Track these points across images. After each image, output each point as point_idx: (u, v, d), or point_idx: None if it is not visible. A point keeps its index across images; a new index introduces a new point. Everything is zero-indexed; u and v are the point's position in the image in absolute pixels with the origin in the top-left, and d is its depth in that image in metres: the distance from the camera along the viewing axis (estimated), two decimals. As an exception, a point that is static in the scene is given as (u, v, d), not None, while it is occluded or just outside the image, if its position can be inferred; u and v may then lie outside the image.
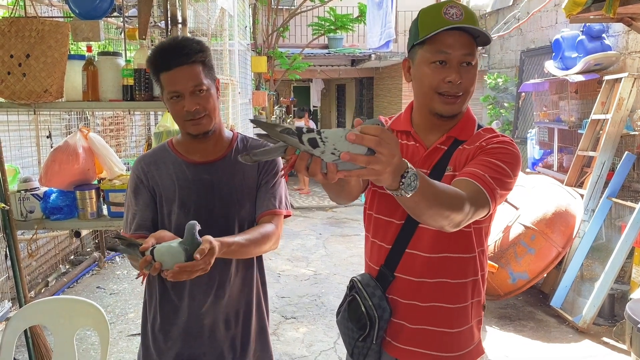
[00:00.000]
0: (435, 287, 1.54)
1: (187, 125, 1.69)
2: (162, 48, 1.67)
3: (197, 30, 5.01)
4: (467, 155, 1.49)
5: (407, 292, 1.57)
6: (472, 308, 1.59)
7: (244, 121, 6.56)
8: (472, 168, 1.42)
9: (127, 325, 4.38)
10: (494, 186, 1.38)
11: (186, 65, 1.63)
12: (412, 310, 1.57)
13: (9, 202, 2.84)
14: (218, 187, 1.75)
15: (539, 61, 7.13)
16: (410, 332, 1.58)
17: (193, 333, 1.77)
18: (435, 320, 1.56)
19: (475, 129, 1.56)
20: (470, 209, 1.31)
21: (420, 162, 1.54)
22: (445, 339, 1.57)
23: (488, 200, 1.37)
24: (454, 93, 1.45)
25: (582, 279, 4.62)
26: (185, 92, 1.64)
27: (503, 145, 1.48)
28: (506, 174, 1.42)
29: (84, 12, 2.82)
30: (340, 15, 10.80)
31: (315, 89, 15.49)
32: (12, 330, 2.31)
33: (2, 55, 2.55)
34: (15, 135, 3.90)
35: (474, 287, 1.58)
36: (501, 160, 1.43)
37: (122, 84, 2.71)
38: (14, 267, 2.95)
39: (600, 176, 4.70)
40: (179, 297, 1.77)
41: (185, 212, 1.73)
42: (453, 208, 1.27)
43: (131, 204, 1.77)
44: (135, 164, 1.81)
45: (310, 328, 4.37)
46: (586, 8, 3.67)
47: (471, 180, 1.37)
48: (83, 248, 5.92)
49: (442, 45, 1.42)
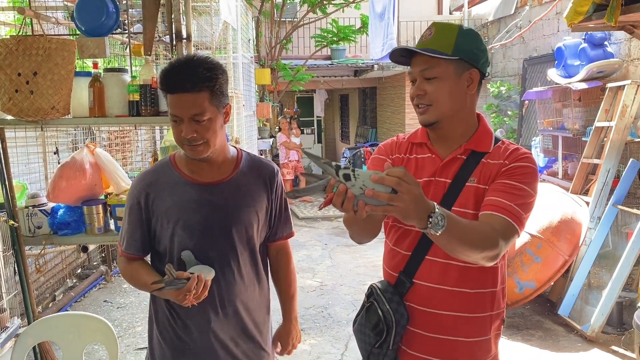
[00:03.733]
0: (453, 296, 1.56)
1: (185, 148, 1.70)
2: (171, 68, 1.64)
3: (201, 44, 5.06)
4: (492, 171, 1.55)
5: (424, 299, 1.59)
6: (490, 320, 1.61)
7: (249, 133, 6.59)
8: (497, 198, 1.48)
9: (135, 338, 4.38)
10: (521, 213, 1.47)
11: (190, 93, 1.60)
12: (428, 318, 1.59)
13: (17, 218, 2.87)
14: (224, 209, 1.74)
15: (542, 69, 7.14)
16: (425, 340, 1.60)
17: (204, 349, 1.77)
18: (452, 329, 1.58)
19: (493, 141, 1.62)
20: (502, 243, 1.41)
21: (439, 172, 1.59)
22: (460, 348, 1.58)
23: (517, 229, 1.46)
24: (420, 104, 1.58)
25: (589, 287, 4.60)
26: (184, 118, 1.62)
27: (524, 163, 1.54)
28: (529, 195, 1.50)
29: (90, 29, 2.86)
30: (342, 27, 10.87)
31: (318, 99, 15.53)
32: (22, 346, 2.32)
33: (10, 73, 2.58)
34: (23, 152, 3.93)
35: (493, 298, 1.60)
36: (523, 182, 1.50)
37: (128, 100, 2.74)
38: (22, 283, 2.97)
39: (606, 183, 4.69)
40: (186, 313, 1.76)
41: (189, 233, 1.72)
42: (485, 246, 1.39)
43: (125, 220, 1.80)
44: (136, 183, 1.79)
45: (318, 340, 4.36)
46: (587, 17, 3.68)
47: (499, 215, 1.45)
48: (90, 262, 5.94)
49: (411, 66, 1.60)
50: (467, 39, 1.56)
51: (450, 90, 1.55)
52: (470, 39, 1.57)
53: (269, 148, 10.07)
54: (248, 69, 7.04)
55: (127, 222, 1.78)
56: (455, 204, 1.54)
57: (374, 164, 1.72)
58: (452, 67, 1.54)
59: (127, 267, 1.81)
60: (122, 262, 1.83)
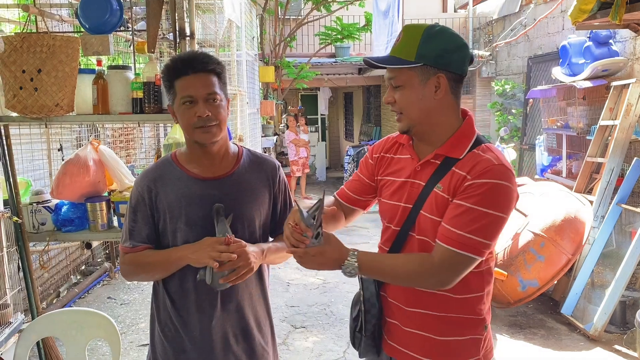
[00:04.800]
0: (421, 295, 1.61)
1: (196, 132, 1.69)
2: (180, 57, 1.72)
3: (205, 42, 5.06)
4: (456, 182, 1.52)
5: (397, 295, 1.67)
6: (464, 322, 1.61)
7: (252, 131, 6.59)
8: (448, 226, 1.49)
9: (138, 335, 4.40)
10: (475, 241, 1.46)
11: (203, 72, 1.67)
12: (402, 312, 1.66)
13: (21, 214, 2.89)
14: (226, 203, 1.74)
15: (546, 67, 7.13)
16: (402, 334, 1.67)
17: (206, 347, 1.76)
18: (422, 326, 1.62)
19: (469, 146, 1.56)
20: (442, 275, 1.49)
21: (414, 174, 1.63)
22: (431, 345, 1.62)
23: (468, 257, 1.47)
24: (393, 111, 1.62)
25: (592, 286, 4.59)
26: (199, 98, 1.66)
27: (485, 179, 1.47)
28: (485, 216, 1.46)
29: (94, 26, 2.86)
30: (346, 25, 10.86)
31: (322, 97, 15.52)
32: (25, 341, 2.34)
33: (15, 70, 2.59)
34: (27, 148, 3.95)
35: (465, 303, 1.60)
36: (481, 203, 1.46)
37: (132, 97, 2.75)
38: (26, 279, 2.99)
39: (610, 182, 4.68)
40: (187, 311, 1.76)
41: (191, 228, 1.72)
42: (412, 283, 1.57)
43: (129, 217, 1.78)
44: (140, 180, 1.79)
45: (320, 337, 4.37)
46: (592, 15, 3.67)
47: (445, 246, 1.48)
48: (94, 259, 5.96)
49: None
50: (433, 43, 1.52)
51: (416, 98, 1.55)
52: (437, 41, 1.52)
53: (272, 146, 10.07)
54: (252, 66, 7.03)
55: (131, 219, 1.76)
56: (423, 208, 1.57)
57: (360, 167, 1.86)
58: (416, 75, 1.53)
59: (134, 257, 1.75)
60: (128, 258, 1.77)
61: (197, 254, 1.64)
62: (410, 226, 1.60)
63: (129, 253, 1.76)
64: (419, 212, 1.57)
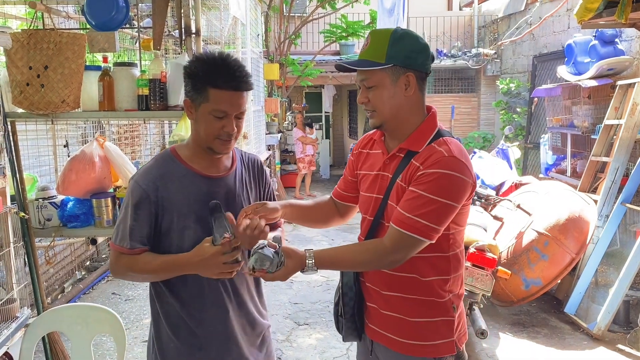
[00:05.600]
0: (394, 279, 1.74)
1: (216, 143, 1.70)
2: (222, 65, 1.65)
3: (210, 39, 5.07)
4: (412, 172, 1.68)
5: (374, 280, 1.79)
6: (432, 304, 1.74)
7: (257, 128, 6.60)
8: (400, 209, 1.65)
9: (142, 331, 4.42)
10: (423, 224, 1.60)
11: (243, 92, 1.68)
12: (379, 296, 1.78)
13: (27, 210, 2.90)
14: (231, 200, 1.76)
15: (552, 66, 7.11)
16: (381, 317, 1.79)
17: (219, 342, 1.77)
18: (397, 308, 1.75)
19: (428, 140, 1.71)
20: (393, 255, 1.63)
21: (383, 167, 1.79)
22: (406, 326, 1.74)
23: (416, 238, 1.61)
24: (366, 109, 1.76)
25: (596, 286, 4.59)
26: (232, 114, 1.67)
27: (434, 169, 1.62)
28: (432, 202, 1.60)
29: (100, 23, 2.88)
30: (351, 22, 10.84)
31: (327, 95, 15.50)
32: (31, 336, 2.36)
33: (21, 67, 2.61)
34: (33, 144, 3.97)
35: (432, 285, 1.73)
36: (428, 190, 1.61)
37: (138, 94, 2.76)
38: (32, 274, 3.01)
39: (614, 182, 4.67)
40: (201, 307, 1.75)
41: (202, 227, 1.71)
42: (366, 266, 1.74)
43: (128, 216, 1.70)
44: (142, 177, 1.73)
45: (324, 335, 4.39)
46: (598, 13, 3.66)
47: (395, 227, 1.64)
48: (99, 254, 5.99)
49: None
50: (400, 45, 1.66)
51: (388, 96, 1.69)
52: (404, 43, 1.67)
53: (277, 143, 10.07)
54: (257, 64, 7.04)
55: (132, 218, 1.69)
56: (390, 198, 1.73)
57: (347, 164, 2.01)
58: (387, 75, 1.67)
59: (132, 261, 1.70)
60: (125, 261, 1.71)
61: (205, 271, 1.65)
62: (381, 215, 1.76)
63: (125, 254, 1.70)
64: (387, 201, 1.73)
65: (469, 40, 11.54)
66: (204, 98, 1.66)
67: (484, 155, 6.10)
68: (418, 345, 1.74)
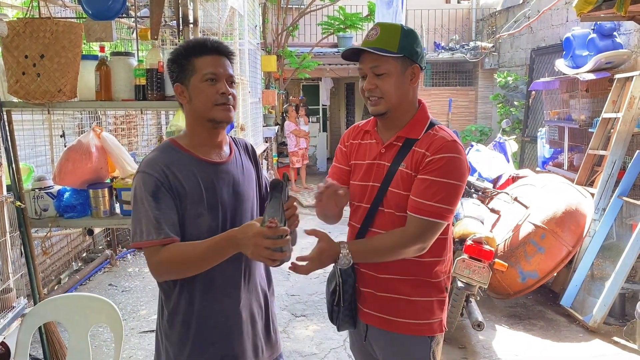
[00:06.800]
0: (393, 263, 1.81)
1: (215, 109, 1.68)
2: (201, 38, 1.76)
3: (207, 30, 5.04)
4: (417, 159, 1.77)
5: (370, 264, 1.86)
6: (428, 284, 1.84)
7: (254, 120, 6.58)
8: (417, 198, 1.74)
9: (139, 322, 4.42)
10: (442, 208, 1.72)
11: (225, 57, 1.74)
12: (375, 280, 1.85)
13: (23, 200, 2.89)
14: (236, 186, 1.76)
15: (550, 59, 7.10)
16: (376, 300, 1.86)
17: (234, 332, 1.74)
18: (394, 289, 1.83)
19: (425, 128, 1.82)
20: (420, 240, 1.73)
21: (379, 156, 1.86)
22: (403, 305, 1.82)
23: (438, 223, 1.74)
24: (371, 96, 1.80)
25: (592, 278, 4.60)
26: (222, 77, 1.71)
27: (443, 154, 1.73)
28: (448, 186, 1.72)
29: (97, 12, 2.86)
30: (349, 14, 10.80)
31: (324, 87, 15.44)
32: (28, 326, 2.35)
33: (17, 55, 2.59)
34: (30, 134, 3.95)
35: (433, 267, 1.83)
36: (443, 176, 1.72)
37: (135, 84, 2.75)
38: (28, 265, 3.00)
39: (611, 175, 4.68)
40: (212, 299, 1.71)
41: (214, 214, 1.69)
42: (395, 254, 1.76)
43: (149, 208, 1.61)
44: (151, 166, 1.66)
45: (320, 326, 4.39)
46: (597, 6, 3.66)
47: (416, 216, 1.73)
48: (95, 246, 5.98)
49: (360, 62, 1.83)
50: (409, 39, 1.78)
51: (396, 84, 1.78)
52: (412, 38, 1.79)
53: (274, 135, 10.05)
54: (254, 55, 7.02)
55: (154, 208, 1.60)
56: (391, 185, 1.80)
57: (336, 157, 2.04)
58: (398, 64, 1.77)
59: (173, 252, 1.59)
60: (165, 254, 1.59)
61: (247, 251, 1.52)
62: (379, 202, 1.83)
63: (158, 247, 1.59)
64: (387, 189, 1.80)
65: (467, 34, 11.52)
66: (192, 71, 1.69)
67: (481, 148, 6.10)
68: (414, 324, 1.83)
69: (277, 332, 1.93)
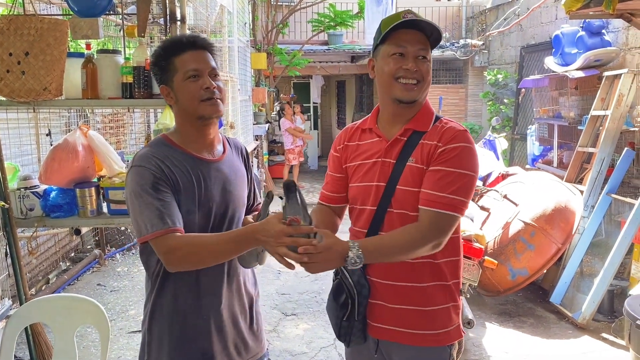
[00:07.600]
0: (406, 268, 1.69)
1: (202, 106, 1.66)
2: (177, 37, 1.75)
3: (196, 27, 5.00)
4: (428, 151, 1.66)
5: (382, 272, 1.72)
6: (444, 289, 1.72)
7: (244, 118, 6.55)
8: (430, 191, 1.61)
9: (128, 322, 4.39)
10: (457, 200, 1.60)
11: (205, 50, 1.71)
12: (387, 289, 1.72)
13: (8, 200, 2.85)
14: (227, 184, 1.74)
15: (539, 57, 7.12)
16: (388, 312, 1.72)
17: (215, 331, 1.73)
18: (408, 299, 1.70)
19: (432, 121, 1.73)
20: (435, 237, 1.59)
21: (384, 153, 1.74)
22: (418, 316, 1.70)
23: (453, 215, 1.61)
24: (411, 79, 1.67)
25: (581, 275, 4.63)
26: (204, 71, 1.68)
27: (456, 143, 1.63)
28: (463, 177, 1.61)
29: (83, 9, 2.83)
30: (339, 12, 10.77)
31: (315, 85, 15.42)
32: (13, 327, 2.32)
33: (1, 53, 2.55)
34: (15, 133, 3.90)
35: (444, 269, 1.72)
36: (457, 166, 1.61)
37: (122, 82, 2.71)
38: (14, 265, 2.96)
39: (600, 172, 4.70)
40: (194, 298, 1.70)
41: (204, 210, 1.68)
42: (410, 252, 1.60)
43: (150, 200, 1.56)
44: (146, 160, 1.62)
45: (311, 325, 4.38)
46: (586, 4, 3.66)
47: (431, 209, 1.60)
48: (83, 245, 5.93)
49: (400, 40, 1.67)
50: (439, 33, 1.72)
51: (430, 72, 1.72)
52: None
53: (264, 134, 10.01)
54: (244, 53, 6.97)
55: (156, 200, 1.56)
56: (399, 182, 1.68)
57: (329, 165, 1.93)
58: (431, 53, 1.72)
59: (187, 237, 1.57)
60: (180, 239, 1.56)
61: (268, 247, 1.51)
62: (387, 202, 1.70)
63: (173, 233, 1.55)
64: (395, 187, 1.68)
65: (457, 31, 11.53)
66: (173, 71, 1.67)
67: (471, 145, 6.10)
68: (431, 335, 1.70)
69: (262, 332, 1.91)
